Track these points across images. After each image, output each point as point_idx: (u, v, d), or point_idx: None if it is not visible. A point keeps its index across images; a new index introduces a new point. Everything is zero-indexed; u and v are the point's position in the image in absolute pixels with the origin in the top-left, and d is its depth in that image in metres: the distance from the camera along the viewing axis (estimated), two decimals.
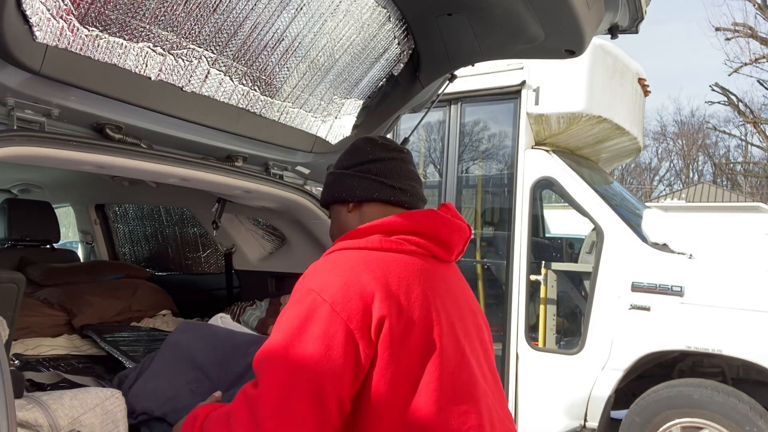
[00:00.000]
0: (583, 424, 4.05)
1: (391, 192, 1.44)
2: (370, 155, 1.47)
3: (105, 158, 1.70)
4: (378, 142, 1.51)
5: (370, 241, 1.32)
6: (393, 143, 1.53)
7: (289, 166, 2.45)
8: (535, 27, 1.89)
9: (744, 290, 3.64)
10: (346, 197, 1.47)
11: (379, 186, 1.44)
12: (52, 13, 1.38)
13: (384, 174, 1.45)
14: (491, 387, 1.35)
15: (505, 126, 4.99)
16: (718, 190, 24.42)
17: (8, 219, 3.34)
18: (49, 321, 2.58)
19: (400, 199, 1.44)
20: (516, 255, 4.51)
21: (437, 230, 1.37)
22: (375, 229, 1.34)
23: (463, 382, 1.26)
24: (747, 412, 3.47)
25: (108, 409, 1.45)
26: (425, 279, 1.29)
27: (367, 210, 1.45)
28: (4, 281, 1.61)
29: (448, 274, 1.40)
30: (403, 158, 1.49)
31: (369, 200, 1.45)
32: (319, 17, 1.86)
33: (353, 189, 1.45)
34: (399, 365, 1.19)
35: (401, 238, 1.32)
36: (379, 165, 1.46)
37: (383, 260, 1.27)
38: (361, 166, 1.47)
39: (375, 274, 1.23)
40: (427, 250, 1.35)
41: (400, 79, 2.29)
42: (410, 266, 1.28)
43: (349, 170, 1.48)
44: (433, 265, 1.35)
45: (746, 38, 17.48)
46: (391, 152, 1.48)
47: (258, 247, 3.04)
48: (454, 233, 1.40)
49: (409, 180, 1.47)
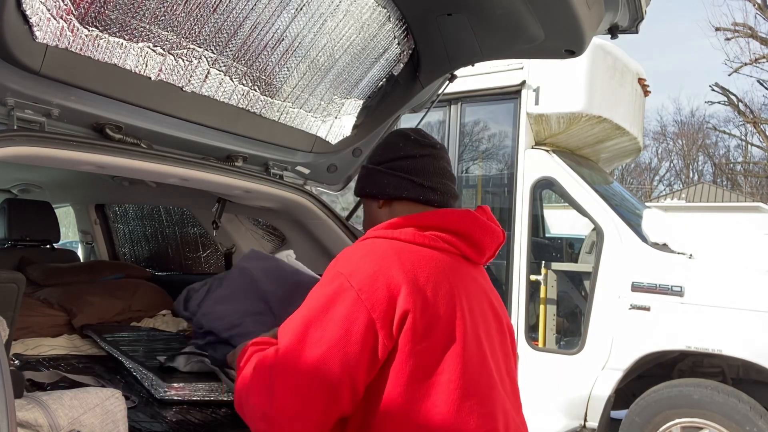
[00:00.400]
0: (583, 424, 4.05)
1: (421, 191, 1.44)
2: (402, 152, 1.46)
3: (105, 158, 1.70)
4: (411, 138, 1.49)
5: (403, 233, 1.33)
6: (427, 138, 1.51)
7: (289, 166, 2.45)
8: (535, 27, 1.89)
9: (744, 290, 3.64)
10: (377, 194, 1.48)
11: (408, 184, 1.44)
12: (52, 13, 1.38)
13: (414, 172, 1.44)
14: (509, 393, 1.35)
15: (505, 126, 4.99)
16: (718, 190, 24.41)
17: (8, 219, 3.34)
18: (49, 321, 2.58)
19: (429, 197, 1.44)
20: (516, 255, 4.51)
21: (471, 231, 1.37)
22: (410, 222, 1.35)
23: (482, 384, 1.25)
24: (747, 412, 3.47)
25: (108, 409, 1.45)
26: (454, 277, 1.30)
27: (397, 207, 1.46)
28: (4, 281, 1.61)
29: (477, 276, 1.40)
30: (435, 154, 1.47)
31: (399, 198, 1.45)
32: (319, 17, 1.86)
33: (384, 186, 1.46)
34: (419, 360, 1.19)
35: (434, 235, 1.33)
36: (410, 162, 1.45)
37: (414, 253, 1.28)
38: (392, 163, 1.46)
39: (404, 266, 1.24)
40: (458, 249, 1.36)
41: (400, 79, 2.29)
42: (440, 263, 1.29)
43: (380, 166, 1.48)
44: (463, 265, 1.36)
45: (746, 38, 17.49)
46: (424, 148, 1.47)
47: (258, 247, 3.04)
48: (487, 236, 1.40)
49: (440, 177, 1.46)
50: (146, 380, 2.06)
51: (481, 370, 1.26)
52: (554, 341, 4.53)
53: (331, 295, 1.22)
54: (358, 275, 1.22)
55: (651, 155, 35.27)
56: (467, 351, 1.24)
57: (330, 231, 2.47)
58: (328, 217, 2.45)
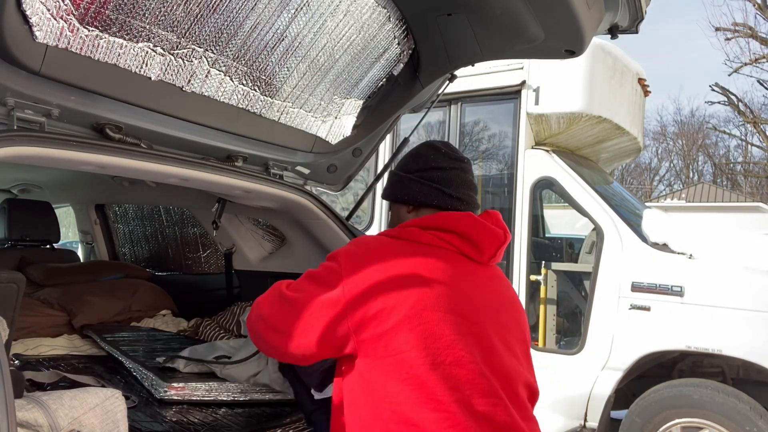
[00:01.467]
0: (583, 424, 4.05)
1: (449, 200, 1.57)
2: (433, 163, 1.60)
3: (105, 158, 1.70)
4: (441, 151, 1.62)
5: (405, 233, 1.48)
6: (456, 152, 1.64)
7: (289, 166, 2.45)
8: (535, 27, 1.89)
9: (744, 290, 3.64)
10: (408, 200, 1.62)
11: (438, 194, 1.57)
12: (52, 13, 1.38)
13: (444, 183, 1.57)
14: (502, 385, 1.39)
15: (505, 126, 4.99)
16: (718, 190, 24.42)
17: (8, 219, 3.34)
18: (49, 321, 2.58)
19: (456, 207, 1.56)
20: (516, 255, 4.51)
21: (468, 231, 1.48)
22: (415, 223, 1.50)
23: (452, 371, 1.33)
24: (747, 412, 3.47)
25: (108, 409, 1.45)
26: (443, 270, 1.41)
27: (424, 213, 1.59)
28: (4, 281, 1.61)
29: (477, 273, 1.50)
30: (463, 168, 1.61)
31: (428, 205, 1.58)
32: (319, 17, 1.86)
33: (415, 194, 1.59)
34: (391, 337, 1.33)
35: (433, 234, 1.46)
36: (440, 173, 1.58)
37: (410, 248, 1.43)
38: (423, 173, 1.59)
39: (394, 258, 1.39)
40: (456, 247, 1.47)
41: (400, 79, 2.29)
42: (432, 257, 1.42)
43: (412, 174, 1.61)
44: (460, 262, 1.47)
45: (746, 38, 17.48)
46: (453, 162, 1.60)
47: (258, 247, 3.04)
48: (486, 236, 1.50)
49: (466, 189, 1.60)
50: (146, 380, 2.06)
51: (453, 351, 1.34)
52: (554, 341, 4.53)
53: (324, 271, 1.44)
54: (351, 259, 1.41)
55: (651, 155, 35.29)
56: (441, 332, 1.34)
57: (330, 231, 2.47)
58: (328, 217, 2.45)
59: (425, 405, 1.29)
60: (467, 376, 1.33)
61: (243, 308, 2.82)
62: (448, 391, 1.30)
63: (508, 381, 1.40)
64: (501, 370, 1.39)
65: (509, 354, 1.45)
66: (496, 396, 1.35)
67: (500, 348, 1.42)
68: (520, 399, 1.42)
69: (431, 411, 1.29)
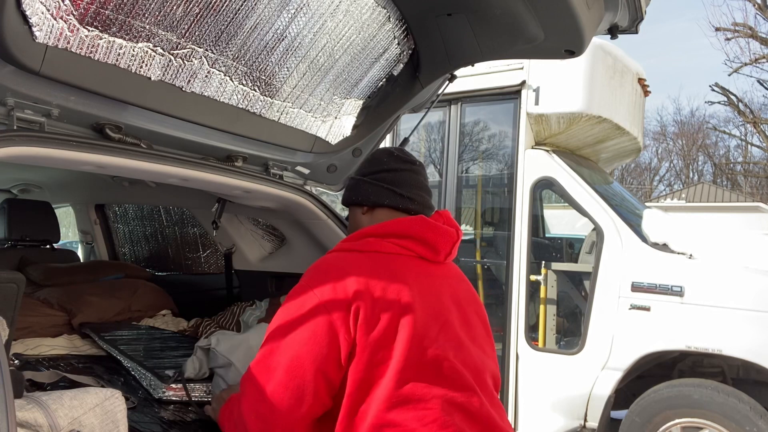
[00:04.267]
0: (583, 424, 4.05)
1: (400, 200, 1.63)
2: (385, 165, 1.68)
3: (105, 158, 1.70)
4: (394, 154, 1.71)
5: (363, 244, 1.53)
6: (408, 156, 1.72)
7: (288, 166, 2.45)
8: (534, 27, 1.89)
9: (744, 290, 3.64)
10: (362, 201, 1.68)
11: (389, 193, 1.64)
12: (52, 13, 1.38)
13: (395, 183, 1.64)
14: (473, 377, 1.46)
15: (505, 126, 4.99)
16: (718, 190, 24.41)
17: (8, 219, 3.34)
18: (49, 321, 2.58)
19: (407, 206, 1.63)
20: (516, 255, 4.51)
21: (423, 233, 1.55)
22: (369, 233, 1.55)
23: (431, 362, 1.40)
24: (747, 412, 3.47)
25: (108, 409, 1.45)
26: (407, 276, 1.47)
27: (378, 214, 1.65)
28: (4, 281, 1.61)
29: (436, 273, 1.57)
30: (414, 170, 1.68)
31: (380, 205, 1.65)
32: (319, 17, 1.86)
33: (368, 195, 1.66)
34: (373, 348, 1.37)
35: (390, 241, 1.52)
36: (392, 175, 1.66)
37: (371, 260, 1.48)
38: (376, 175, 1.67)
39: (361, 271, 1.43)
40: (413, 251, 1.54)
41: (400, 79, 2.29)
42: (394, 265, 1.48)
43: (366, 177, 1.69)
44: (420, 265, 1.54)
45: (746, 38, 17.47)
46: (404, 164, 1.68)
47: (258, 247, 3.04)
48: (440, 236, 1.57)
49: (418, 189, 1.66)
50: (145, 380, 2.07)
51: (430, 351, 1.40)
52: (554, 341, 4.53)
53: (298, 304, 1.42)
54: (321, 285, 1.42)
55: (651, 155, 35.30)
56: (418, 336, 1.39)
57: (330, 231, 2.47)
58: (327, 217, 2.45)
59: (407, 405, 1.34)
60: (444, 373, 1.40)
61: (243, 308, 2.82)
62: (428, 388, 1.36)
63: (477, 373, 1.48)
64: (471, 363, 1.48)
65: (475, 347, 1.53)
66: (470, 388, 1.43)
67: (467, 342, 1.51)
68: (489, 388, 1.51)
69: (412, 410, 1.34)
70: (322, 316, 1.38)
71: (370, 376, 1.37)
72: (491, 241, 5.16)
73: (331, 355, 1.37)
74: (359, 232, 1.58)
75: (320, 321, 1.38)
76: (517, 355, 4.41)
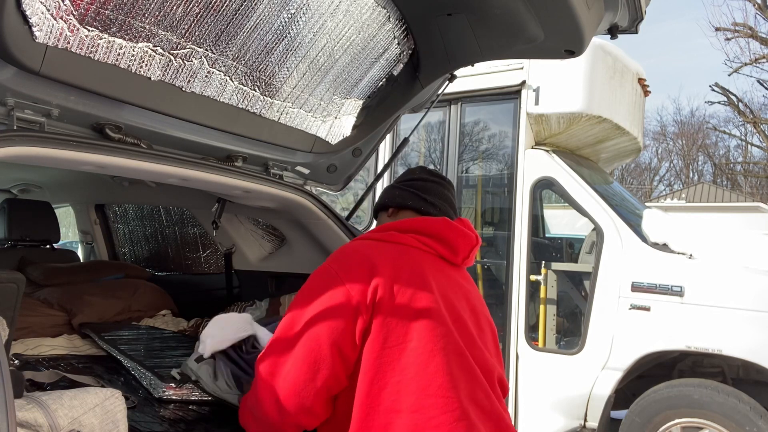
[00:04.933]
0: (583, 424, 4.05)
1: (422, 203, 1.70)
2: (416, 176, 1.78)
3: (105, 158, 1.70)
4: (427, 169, 1.82)
5: (386, 235, 1.58)
6: (439, 173, 1.83)
7: (288, 166, 2.45)
8: (534, 27, 1.89)
9: (744, 290, 3.64)
10: (387, 203, 1.77)
11: (413, 196, 1.72)
12: (52, 13, 1.38)
13: (420, 189, 1.73)
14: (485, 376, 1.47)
15: (505, 126, 4.99)
16: (718, 190, 24.42)
17: (8, 219, 3.34)
18: (49, 321, 2.58)
19: (429, 210, 1.70)
20: (516, 255, 4.51)
21: (444, 233, 1.58)
22: (392, 227, 1.60)
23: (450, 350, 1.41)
24: (747, 412, 3.47)
25: (108, 409, 1.45)
26: (426, 269, 1.50)
27: (401, 215, 1.72)
28: (4, 281, 1.61)
29: (453, 274, 1.60)
30: (442, 184, 1.77)
31: (404, 207, 1.72)
32: (319, 17, 1.86)
33: (394, 197, 1.75)
34: (391, 330, 1.39)
35: (412, 236, 1.56)
36: (420, 183, 1.75)
37: (393, 249, 1.52)
38: (406, 182, 1.78)
39: (382, 258, 1.47)
40: (432, 248, 1.57)
41: (400, 79, 2.29)
42: (415, 257, 1.51)
43: (396, 184, 1.80)
44: (438, 263, 1.57)
45: (746, 38, 17.47)
46: (434, 176, 1.78)
47: (258, 247, 3.04)
48: (460, 238, 1.60)
49: (441, 200, 1.73)
50: (145, 379, 2.07)
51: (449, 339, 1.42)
52: (554, 341, 4.53)
53: (321, 282, 1.46)
54: (343, 266, 1.46)
55: (651, 155, 35.31)
56: (435, 323, 1.42)
57: (330, 231, 2.47)
58: (328, 217, 2.45)
59: (426, 391, 1.35)
60: (461, 365, 1.41)
61: (243, 308, 2.82)
62: (447, 377, 1.37)
63: (488, 373, 1.50)
64: (483, 362, 1.49)
65: (486, 351, 1.54)
66: (483, 386, 1.44)
67: (479, 344, 1.52)
68: (498, 391, 1.52)
69: (432, 396, 1.35)
70: (341, 294, 1.41)
71: (388, 358, 1.38)
72: (491, 241, 5.16)
73: (347, 331, 1.39)
74: (382, 226, 1.63)
75: (339, 298, 1.41)
76: (517, 355, 4.41)
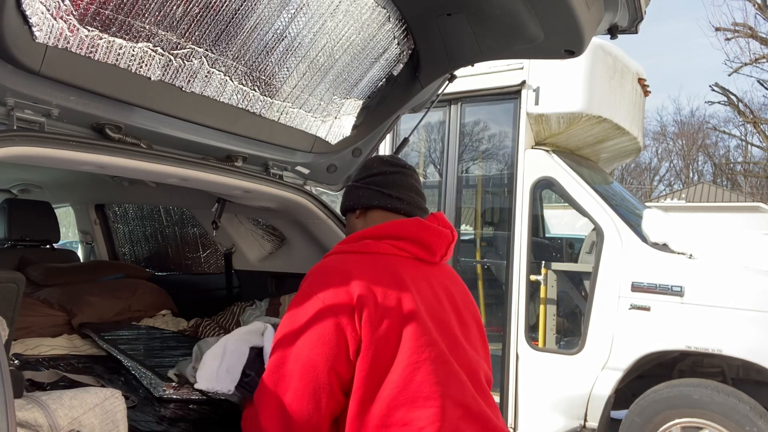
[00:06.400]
0: (583, 424, 4.05)
1: (389, 200, 1.66)
2: (375, 170, 1.72)
3: (105, 158, 1.70)
4: (384, 159, 1.75)
5: (361, 245, 1.55)
6: (398, 160, 1.76)
7: (288, 166, 2.45)
8: (534, 27, 1.89)
9: (744, 290, 3.64)
10: (353, 205, 1.72)
11: (378, 194, 1.67)
12: (52, 13, 1.38)
13: (384, 185, 1.68)
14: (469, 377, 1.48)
15: (505, 126, 4.99)
16: (718, 190, 24.41)
17: (8, 219, 3.34)
18: (49, 321, 2.58)
19: (396, 206, 1.66)
20: (516, 255, 4.51)
21: (419, 235, 1.57)
22: (366, 235, 1.57)
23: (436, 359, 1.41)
24: (747, 412, 3.47)
25: (108, 409, 1.45)
26: (405, 277, 1.48)
27: (370, 216, 1.69)
28: (4, 281, 1.61)
29: (432, 273, 1.59)
30: (404, 172, 1.71)
31: (371, 207, 1.68)
32: (319, 17, 1.86)
33: (359, 198, 1.71)
34: (379, 346, 1.39)
35: (387, 243, 1.54)
36: (381, 178, 1.69)
37: (369, 261, 1.50)
38: (366, 179, 1.72)
39: (360, 272, 1.45)
40: (409, 252, 1.56)
41: (400, 79, 2.29)
42: (392, 266, 1.50)
43: (357, 183, 1.74)
44: (416, 266, 1.56)
45: (746, 38, 17.47)
46: (393, 167, 1.71)
47: (258, 247, 3.04)
48: (435, 238, 1.59)
49: (407, 191, 1.69)
50: (145, 379, 2.07)
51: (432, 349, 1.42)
52: (554, 341, 4.53)
53: (303, 309, 1.43)
54: (323, 288, 1.43)
55: (651, 155, 35.32)
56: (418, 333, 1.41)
57: (330, 231, 2.47)
58: (327, 217, 2.45)
59: (414, 404, 1.36)
60: (446, 372, 1.42)
61: (243, 308, 2.82)
62: (433, 387, 1.38)
63: (473, 373, 1.50)
64: (467, 363, 1.49)
65: (471, 348, 1.55)
66: (468, 388, 1.45)
67: (464, 343, 1.53)
68: (484, 388, 1.53)
69: (420, 408, 1.36)
70: (328, 318, 1.39)
71: (376, 375, 1.38)
72: (491, 241, 5.16)
73: (340, 354, 1.39)
74: (356, 235, 1.60)
75: (327, 323, 1.39)
76: (517, 355, 4.41)
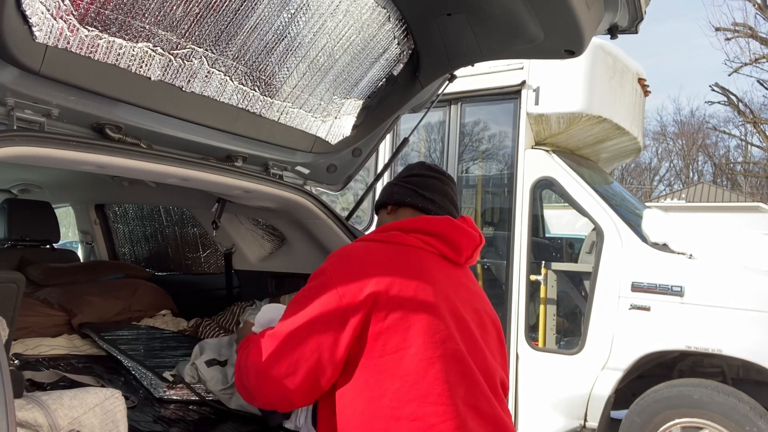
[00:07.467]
0: (583, 424, 4.05)
1: (421, 200, 1.68)
2: (415, 171, 1.76)
3: (105, 158, 1.70)
4: (426, 164, 1.79)
5: (389, 236, 1.55)
6: (439, 168, 1.79)
7: (288, 166, 2.45)
8: (534, 27, 1.89)
9: (744, 290, 3.64)
10: (387, 200, 1.75)
11: (412, 193, 1.69)
12: (52, 13, 1.38)
13: (419, 185, 1.70)
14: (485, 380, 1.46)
15: (505, 126, 4.99)
16: (718, 190, 24.42)
17: (8, 219, 3.34)
18: (49, 321, 2.58)
19: (427, 207, 1.67)
20: (516, 255, 4.51)
21: (447, 232, 1.56)
22: (395, 227, 1.57)
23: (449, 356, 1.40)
24: (747, 412, 3.47)
25: (108, 409, 1.45)
26: (428, 270, 1.47)
27: (401, 213, 1.70)
28: (4, 281, 1.61)
29: (457, 274, 1.58)
30: (441, 179, 1.74)
31: (403, 204, 1.70)
32: (319, 17, 1.86)
33: (393, 194, 1.73)
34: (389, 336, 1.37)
35: (415, 236, 1.54)
36: (419, 179, 1.72)
37: (394, 251, 1.50)
38: (405, 179, 1.75)
39: (381, 260, 1.45)
40: (436, 248, 1.55)
41: (400, 79, 2.29)
42: (417, 259, 1.49)
43: (395, 181, 1.78)
44: (442, 263, 1.55)
45: (746, 38, 17.47)
46: (433, 172, 1.75)
47: (258, 247, 3.04)
48: (463, 237, 1.58)
49: (441, 195, 1.70)
50: (145, 379, 2.07)
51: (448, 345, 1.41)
52: (554, 341, 4.53)
53: (315, 288, 1.45)
54: (338, 269, 1.45)
55: (651, 155, 35.32)
56: (435, 328, 1.39)
57: (330, 231, 2.47)
58: (327, 217, 2.45)
59: (426, 399, 1.34)
60: (461, 371, 1.40)
61: (243, 308, 2.82)
62: (446, 385, 1.36)
63: (489, 376, 1.48)
64: (484, 365, 1.47)
65: (489, 352, 1.53)
66: (483, 391, 1.42)
67: (482, 345, 1.50)
68: (499, 393, 1.51)
69: (432, 404, 1.34)
70: (335, 302, 1.40)
71: (387, 366, 1.37)
72: (491, 241, 5.16)
73: (336, 339, 1.38)
74: (385, 226, 1.60)
75: (332, 306, 1.40)
76: (517, 355, 4.40)
